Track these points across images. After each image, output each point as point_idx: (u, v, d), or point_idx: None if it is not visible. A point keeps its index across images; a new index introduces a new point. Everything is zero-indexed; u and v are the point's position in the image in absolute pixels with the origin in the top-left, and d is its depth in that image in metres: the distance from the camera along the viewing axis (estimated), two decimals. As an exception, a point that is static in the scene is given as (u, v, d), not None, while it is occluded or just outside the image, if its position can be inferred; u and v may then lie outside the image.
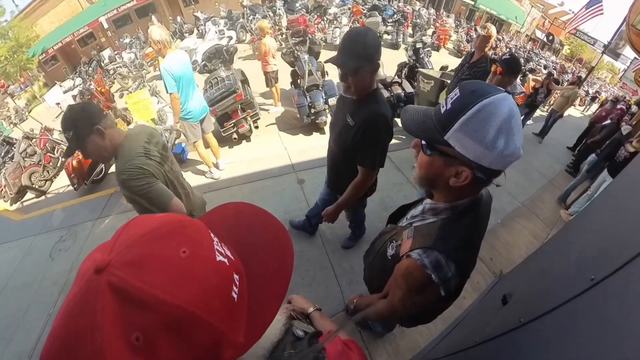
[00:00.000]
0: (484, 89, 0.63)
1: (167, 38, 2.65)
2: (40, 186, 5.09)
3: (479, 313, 2.01)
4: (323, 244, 2.69)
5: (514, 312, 1.07)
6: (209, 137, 3.46)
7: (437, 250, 0.74)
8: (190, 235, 0.33)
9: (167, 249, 0.30)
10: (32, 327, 2.46)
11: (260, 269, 0.40)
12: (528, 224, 3.37)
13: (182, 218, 0.36)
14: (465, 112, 0.61)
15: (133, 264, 0.28)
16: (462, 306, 2.31)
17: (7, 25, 16.40)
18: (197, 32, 12.53)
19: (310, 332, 0.54)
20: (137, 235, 0.31)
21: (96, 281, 0.27)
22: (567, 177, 4.79)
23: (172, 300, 0.27)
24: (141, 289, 0.27)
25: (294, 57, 5.02)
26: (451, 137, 0.64)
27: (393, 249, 0.93)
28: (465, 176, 0.68)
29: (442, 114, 0.66)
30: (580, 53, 31.74)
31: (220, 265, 0.33)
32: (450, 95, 0.67)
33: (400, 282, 0.82)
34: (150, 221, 0.33)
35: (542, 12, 28.37)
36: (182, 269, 0.30)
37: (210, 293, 0.31)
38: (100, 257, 0.28)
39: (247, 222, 0.46)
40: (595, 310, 0.59)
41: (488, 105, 0.60)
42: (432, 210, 0.84)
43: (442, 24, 13.93)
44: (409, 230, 0.87)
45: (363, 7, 12.23)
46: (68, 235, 3.32)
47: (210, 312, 0.30)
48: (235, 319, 0.34)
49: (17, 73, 16.60)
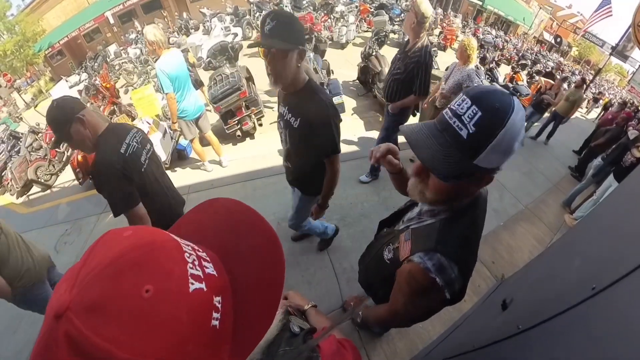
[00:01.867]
0: (503, 100, 0.58)
1: (161, 38, 2.68)
2: (45, 180, 5.16)
3: (479, 317, 2.01)
4: (324, 243, 2.69)
5: (513, 318, 1.06)
6: (209, 135, 3.49)
7: (439, 252, 0.72)
8: (157, 265, 0.29)
9: (128, 289, 0.27)
10: (36, 318, 2.47)
11: (248, 280, 0.37)
12: (531, 227, 3.34)
13: (153, 239, 0.32)
14: (497, 135, 0.57)
15: (91, 309, 0.26)
16: (462, 309, 2.30)
17: (13, 20, 16.51)
18: (203, 28, 12.51)
19: (305, 328, 0.54)
20: (101, 266, 0.28)
21: (55, 329, 0.25)
22: (572, 181, 4.75)
23: (134, 356, 0.25)
24: (96, 345, 0.24)
25: (299, 55, 5.01)
26: (482, 161, 0.60)
27: (390, 253, 0.91)
28: (487, 181, 0.68)
29: (467, 139, 0.59)
30: (589, 55, 31.37)
31: (194, 297, 0.30)
32: (463, 112, 0.59)
33: (404, 286, 0.79)
34: (117, 245, 0.30)
35: (550, 14, 28.03)
36: (144, 314, 0.26)
37: (180, 337, 0.27)
38: (61, 297, 0.26)
39: (237, 224, 0.42)
40: (594, 321, 0.58)
41: (514, 120, 0.57)
42: (430, 211, 0.81)
43: (449, 24, 13.81)
44: (406, 233, 0.85)
45: (370, 6, 12.14)
46: (73, 229, 3.37)
47: (182, 357, 0.27)
48: (216, 348, 0.31)
49: (23, 67, 16.73)
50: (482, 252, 2.82)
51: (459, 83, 2.97)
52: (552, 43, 25.16)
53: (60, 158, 5.70)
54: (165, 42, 2.74)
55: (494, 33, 16.65)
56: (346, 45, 9.89)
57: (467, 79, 2.91)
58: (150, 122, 4.27)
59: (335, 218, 2.92)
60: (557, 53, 25.70)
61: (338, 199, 3.14)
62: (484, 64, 8.06)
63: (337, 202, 3.11)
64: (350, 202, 3.12)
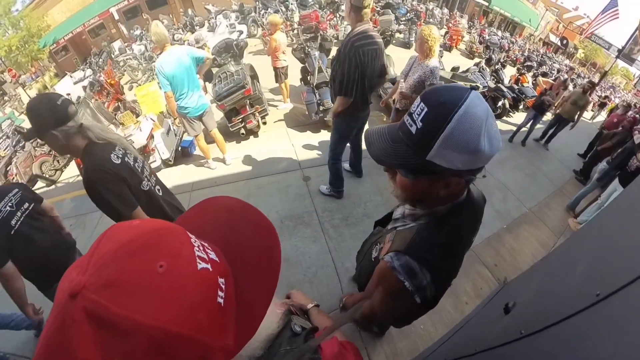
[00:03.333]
0: (451, 94, 0.57)
1: (160, 38, 2.73)
2: (50, 175, 5.20)
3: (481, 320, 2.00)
4: (326, 241, 2.70)
5: (516, 323, 1.05)
6: (214, 133, 3.50)
7: (409, 255, 0.70)
8: (167, 246, 0.32)
9: (142, 265, 0.29)
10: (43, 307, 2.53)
11: (248, 269, 0.39)
12: (535, 230, 3.33)
13: (159, 226, 0.34)
14: (444, 129, 0.56)
15: (108, 285, 0.27)
16: (464, 312, 2.31)
17: (18, 15, 16.47)
18: (208, 25, 12.52)
19: (307, 328, 0.54)
20: (112, 250, 0.29)
21: (71, 307, 0.26)
22: (577, 184, 4.72)
23: (153, 322, 0.26)
24: (118, 314, 0.25)
25: (304, 53, 4.99)
26: (434, 157, 0.59)
27: (376, 252, 0.94)
28: (456, 184, 0.66)
29: (416, 134, 0.60)
30: (595, 57, 31.09)
31: (202, 274, 0.32)
32: (414, 110, 0.61)
33: (378, 284, 0.80)
34: (126, 232, 0.31)
35: (556, 15, 27.80)
36: (160, 286, 0.28)
37: (193, 307, 0.29)
38: (75, 279, 0.27)
39: (236, 219, 0.45)
40: (598, 329, 0.58)
41: (465, 115, 0.55)
42: (411, 215, 0.81)
43: (455, 25, 13.74)
44: (391, 234, 0.85)
45: (376, 5, 12.09)
46: (77, 224, 3.40)
47: (194, 327, 0.29)
48: (223, 325, 0.33)
49: (28, 63, 16.76)
50: (485, 254, 2.81)
51: (421, 80, 2.64)
52: (558, 45, 24.95)
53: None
54: (162, 40, 2.76)
55: (499, 34, 16.53)
56: (351, 44, 9.87)
57: (431, 76, 2.57)
58: (154, 119, 4.30)
59: (338, 218, 2.93)
60: (563, 55, 25.49)
61: (341, 199, 3.16)
62: (490, 65, 8.01)
63: (340, 202, 3.13)
64: (353, 201, 3.13)
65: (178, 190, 3.60)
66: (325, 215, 2.95)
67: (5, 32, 16.05)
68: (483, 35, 14.03)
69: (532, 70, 11.86)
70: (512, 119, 6.64)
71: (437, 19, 14.46)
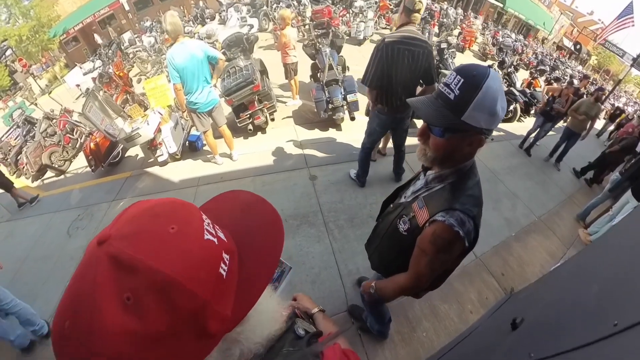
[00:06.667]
0: (479, 69, 0.76)
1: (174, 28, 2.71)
2: (59, 165, 5.27)
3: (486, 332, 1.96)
4: (330, 242, 2.67)
5: (524, 342, 1.03)
6: (223, 129, 3.49)
7: (458, 209, 0.85)
8: (180, 215, 0.38)
9: (158, 225, 0.35)
10: (50, 298, 2.56)
11: (252, 252, 0.43)
12: (544, 240, 3.25)
13: (175, 200, 0.40)
14: (477, 94, 0.74)
15: (128, 237, 0.33)
16: (468, 321, 2.26)
17: (28, 5, 16.52)
18: (219, 17, 12.48)
19: (311, 331, 0.54)
20: (134, 213, 0.36)
21: (98, 251, 0.32)
22: (587, 193, 4.63)
23: (161, 267, 0.31)
24: (132, 256, 0.31)
25: (315, 49, 4.92)
26: (467, 117, 0.77)
27: (406, 224, 1.01)
28: (479, 141, 0.84)
29: (454, 100, 0.77)
30: (608, 64, 30.45)
31: (207, 243, 0.37)
32: (450, 82, 0.77)
33: (427, 247, 0.90)
34: (148, 203, 0.38)
35: (571, 20, 27.26)
36: (170, 242, 0.34)
37: (193, 265, 0.34)
38: (103, 232, 0.34)
39: (243, 208, 0.50)
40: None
41: (489, 84, 0.74)
42: (437, 178, 0.94)
43: (468, 25, 13.53)
44: (418, 201, 0.96)
45: (390, 2, 11.95)
46: (85, 215, 3.43)
47: (192, 281, 0.33)
48: (222, 293, 0.37)
49: (38, 53, 16.87)
50: (492, 263, 2.76)
51: None
52: (571, 50, 24.48)
53: (74, 144, 5.80)
54: (176, 31, 2.74)
55: (513, 36, 16.25)
56: (363, 41, 9.74)
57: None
58: (162, 113, 4.30)
59: (344, 219, 2.90)
60: (575, 60, 25.01)
61: (347, 199, 3.13)
62: (502, 68, 7.87)
63: (346, 202, 3.09)
64: (359, 202, 3.09)
65: (184, 185, 3.61)
66: (330, 216, 2.92)
67: (15, 22, 16.19)
68: (496, 37, 13.79)
69: (545, 74, 11.64)
70: (523, 124, 6.50)
71: (451, 19, 14.22)
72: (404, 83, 2.27)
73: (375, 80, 2.24)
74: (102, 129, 3.86)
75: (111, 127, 3.99)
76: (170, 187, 3.64)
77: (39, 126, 5.85)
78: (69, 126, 6.00)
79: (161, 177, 3.85)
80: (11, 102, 11.72)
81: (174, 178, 3.77)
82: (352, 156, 3.80)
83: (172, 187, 3.64)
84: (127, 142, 3.85)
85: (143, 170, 4.07)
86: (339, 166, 3.63)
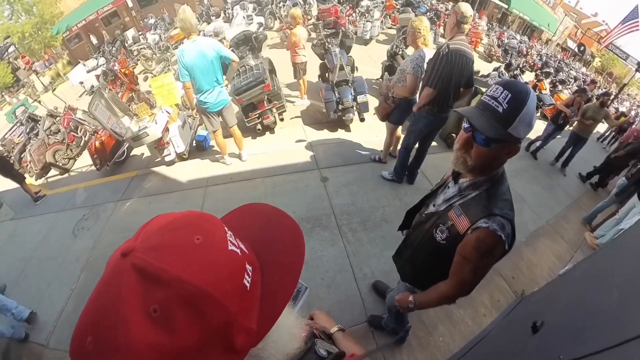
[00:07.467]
0: (523, 87, 0.84)
1: (186, 24, 2.67)
2: (63, 164, 5.22)
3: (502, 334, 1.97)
4: (344, 245, 2.65)
5: (549, 346, 1.07)
6: (234, 129, 3.45)
7: (497, 214, 0.89)
8: (204, 227, 0.37)
9: (183, 237, 0.34)
10: (55, 299, 2.53)
11: (274, 265, 0.42)
12: (552, 244, 3.25)
13: (198, 213, 0.40)
14: (522, 109, 0.81)
15: (153, 249, 0.32)
16: (482, 324, 2.27)
17: (31, 1, 16.48)
18: (224, 15, 12.40)
19: (334, 352, 0.52)
20: (158, 226, 0.35)
21: (122, 263, 0.31)
22: (593, 197, 4.62)
23: (187, 278, 0.30)
24: (159, 268, 0.30)
25: (324, 49, 4.87)
26: (513, 129, 0.83)
27: (444, 232, 1.01)
28: (516, 150, 0.89)
29: (502, 113, 0.82)
30: (611, 67, 30.43)
31: (231, 254, 0.36)
32: (498, 95, 0.83)
33: (470, 253, 0.92)
34: (170, 215, 0.38)
35: (575, 21, 27.23)
36: (196, 253, 0.33)
37: (221, 276, 0.33)
38: (126, 245, 0.33)
39: (263, 220, 0.49)
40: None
41: (532, 101, 0.82)
42: (472, 186, 0.98)
43: (474, 26, 13.49)
44: (454, 209, 0.99)
45: (396, 2, 11.91)
46: (90, 215, 3.37)
47: (221, 292, 0.32)
48: (247, 305, 0.36)
49: (41, 50, 16.81)
50: (502, 266, 2.75)
51: (402, 69, 2.84)
52: (575, 51, 24.47)
53: (78, 143, 5.75)
54: (189, 28, 2.71)
55: (518, 38, 16.21)
56: (370, 41, 9.69)
57: (415, 60, 2.70)
58: (169, 112, 4.27)
59: (356, 221, 2.88)
60: (579, 62, 24.99)
61: (359, 202, 3.11)
62: (509, 71, 7.85)
63: (358, 205, 3.06)
64: (371, 205, 3.06)
65: (193, 185, 3.57)
66: (343, 218, 2.89)
67: (18, 18, 16.12)
68: (502, 38, 13.77)
69: (550, 76, 11.62)
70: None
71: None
72: (457, 86, 2.51)
73: (441, 83, 2.43)
74: (109, 127, 3.82)
75: (118, 125, 3.95)
76: (178, 187, 3.59)
77: (43, 124, 5.81)
78: (72, 124, 5.95)
79: (168, 177, 3.80)
80: (14, 99, 11.67)
81: (182, 178, 3.73)
82: (362, 158, 3.77)
83: (180, 187, 3.59)
84: (134, 141, 3.81)
85: (149, 170, 4.02)
86: (350, 167, 3.60)
